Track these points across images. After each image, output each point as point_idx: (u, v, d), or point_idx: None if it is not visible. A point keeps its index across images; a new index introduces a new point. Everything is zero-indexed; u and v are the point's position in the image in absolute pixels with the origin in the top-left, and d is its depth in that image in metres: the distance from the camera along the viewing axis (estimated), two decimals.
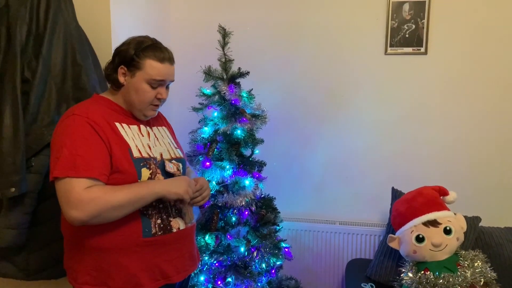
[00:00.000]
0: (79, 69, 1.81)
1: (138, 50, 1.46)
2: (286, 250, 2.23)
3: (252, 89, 2.21)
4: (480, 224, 2.28)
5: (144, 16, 2.42)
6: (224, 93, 2.10)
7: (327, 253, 2.70)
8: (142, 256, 1.44)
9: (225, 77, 2.14)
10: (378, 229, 2.64)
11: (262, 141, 2.17)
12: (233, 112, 2.10)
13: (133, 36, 1.53)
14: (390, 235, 2.10)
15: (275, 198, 2.28)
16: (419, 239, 1.97)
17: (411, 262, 2.03)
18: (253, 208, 2.11)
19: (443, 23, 2.50)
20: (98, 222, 1.33)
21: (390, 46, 2.58)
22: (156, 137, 1.60)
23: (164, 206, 1.49)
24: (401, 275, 2.01)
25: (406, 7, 2.53)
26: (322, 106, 2.70)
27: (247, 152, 2.21)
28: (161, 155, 1.55)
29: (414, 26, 2.54)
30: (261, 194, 2.21)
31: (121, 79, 1.49)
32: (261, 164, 2.19)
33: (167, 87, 1.57)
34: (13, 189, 1.65)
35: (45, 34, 1.74)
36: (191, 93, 2.29)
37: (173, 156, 1.61)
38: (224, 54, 2.14)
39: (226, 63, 2.14)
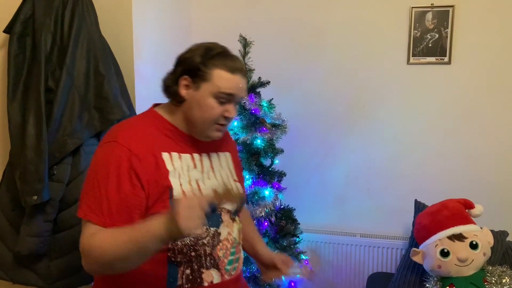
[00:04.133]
0: (101, 78, 1.83)
1: (206, 58, 1.22)
2: (306, 262, 2.19)
3: (272, 98, 2.20)
4: (508, 238, 2.20)
5: (165, 25, 2.44)
6: (244, 102, 2.09)
7: (347, 266, 2.65)
8: None
9: None
10: (401, 242, 2.58)
11: (282, 151, 2.16)
12: (253, 122, 2.10)
13: (200, 42, 1.30)
14: (414, 249, 2.04)
15: (294, 209, 2.26)
16: (444, 253, 1.91)
17: (436, 277, 1.96)
18: (273, 219, 2.09)
19: (467, 32, 2.45)
20: (109, 273, 1.18)
21: (412, 56, 2.54)
22: (211, 167, 1.33)
23: (197, 255, 1.23)
24: None
25: (429, 16, 2.49)
26: (343, 116, 2.66)
27: (266, 162, 2.19)
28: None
29: (437, 35, 2.49)
30: (281, 205, 2.19)
31: (183, 91, 1.24)
32: (281, 175, 2.18)
33: (236, 104, 1.29)
34: (35, 197, 1.67)
35: (69, 44, 1.76)
36: None
37: (230, 188, 1.34)
38: (245, 64, 2.14)
39: (246, 72, 2.13)
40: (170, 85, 1.27)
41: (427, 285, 1.96)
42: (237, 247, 1.32)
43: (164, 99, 1.34)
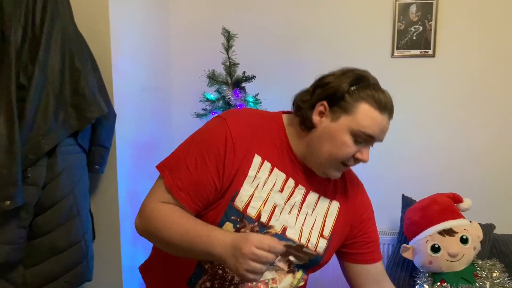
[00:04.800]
0: (77, 74, 1.72)
1: (354, 87, 1.06)
2: None
3: (258, 93, 2.13)
4: (494, 231, 2.20)
5: (144, 18, 2.33)
6: (229, 98, 2.02)
7: (332, 263, 2.60)
8: None
9: (229, 81, 2.06)
10: (388, 237, 2.54)
11: None
12: None
13: (350, 67, 1.14)
14: (404, 245, 2.01)
15: None
16: (435, 249, 1.89)
17: (427, 273, 1.94)
18: None
19: (451, 25, 2.44)
20: (152, 242, 1.16)
21: (397, 49, 2.51)
22: (301, 205, 1.14)
23: (223, 276, 1.12)
24: (416, 287, 1.92)
25: (413, 8, 2.46)
26: None
27: None
28: (284, 229, 1.10)
29: (421, 28, 2.47)
30: None
31: (316, 118, 1.08)
32: None
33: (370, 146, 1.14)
34: (8, 202, 1.56)
35: (41, 38, 1.64)
36: (194, 98, 2.20)
37: (298, 242, 1.12)
38: (229, 58, 2.07)
39: (230, 67, 2.06)
40: (303, 107, 1.11)
41: (418, 282, 1.94)
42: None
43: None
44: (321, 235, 1.16)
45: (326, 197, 1.19)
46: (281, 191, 1.10)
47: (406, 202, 2.30)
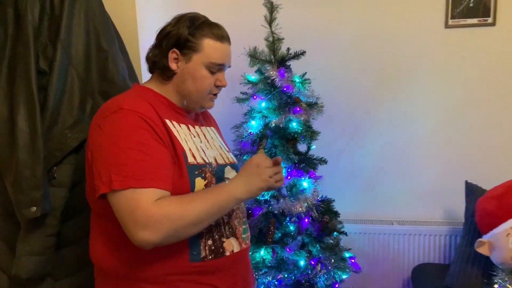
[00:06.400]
0: (105, 55, 1.48)
1: (193, 28, 1.20)
2: (353, 261, 1.90)
3: (305, 72, 1.87)
4: None
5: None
6: (274, 79, 1.77)
7: (385, 258, 2.38)
8: (189, 286, 1.17)
9: (273, 59, 1.81)
10: (445, 228, 2.31)
11: (319, 133, 1.84)
12: (285, 102, 1.77)
13: (180, 14, 1.25)
14: (480, 239, 1.78)
15: (333, 200, 1.96)
16: None
17: (506, 270, 1.71)
18: (314, 214, 1.79)
19: None
20: (171, 242, 1.09)
21: (451, 18, 2.24)
22: (206, 138, 1.32)
23: (217, 224, 1.21)
24: (495, 286, 1.69)
25: None
26: (372, 90, 2.36)
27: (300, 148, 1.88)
28: (216, 160, 1.27)
29: None
30: (318, 197, 1.88)
31: (173, 65, 1.22)
32: (321, 162, 1.87)
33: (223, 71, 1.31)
34: (34, 208, 1.34)
35: (62, 14, 1.41)
36: (234, 80, 1.93)
37: (227, 161, 1.32)
38: (272, 32, 1.80)
39: (274, 43, 1.80)
40: (158, 60, 1.23)
41: (497, 280, 1.70)
42: (245, 217, 1.33)
43: None
44: (227, 151, 1.39)
45: (208, 127, 1.40)
46: (194, 136, 1.26)
47: (471, 189, 2.06)
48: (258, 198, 1.77)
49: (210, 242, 1.18)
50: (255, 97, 1.83)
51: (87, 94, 1.45)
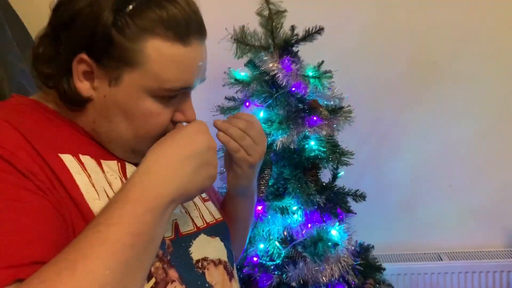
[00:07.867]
0: None
1: (126, 13, 0.60)
2: None
3: (323, 61, 1.27)
4: None
5: None
6: (275, 74, 1.17)
7: None
8: None
9: (272, 44, 1.19)
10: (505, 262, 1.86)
11: (352, 154, 1.25)
12: (296, 108, 1.17)
13: None
14: None
15: (373, 246, 1.37)
16: None
17: None
18: (351, 278, 1.18)
19: None
20: None
21: None
22: None
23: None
24: None
25: None
26: (404, 82, 1.89)
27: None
28: (176, 226, 0.75)
29: None
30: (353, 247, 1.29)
31: (82, 86, 0.64)
32: (357, 197, 1.27)
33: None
34: None
35: None
36: (214, 81, 1.32)
37: (200, 225, 0.77)
38: (268, 2, 1.18)
39: (272, 18, 1.19)
40: (53, 74, 0.64)
41: None
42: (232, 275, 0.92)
43: None
44: (204, 202, 0.91)
45: None
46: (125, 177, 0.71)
47: None
48: (264, 262, 1.16)
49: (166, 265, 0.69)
50: (247, 104, 1.25)
51: None
